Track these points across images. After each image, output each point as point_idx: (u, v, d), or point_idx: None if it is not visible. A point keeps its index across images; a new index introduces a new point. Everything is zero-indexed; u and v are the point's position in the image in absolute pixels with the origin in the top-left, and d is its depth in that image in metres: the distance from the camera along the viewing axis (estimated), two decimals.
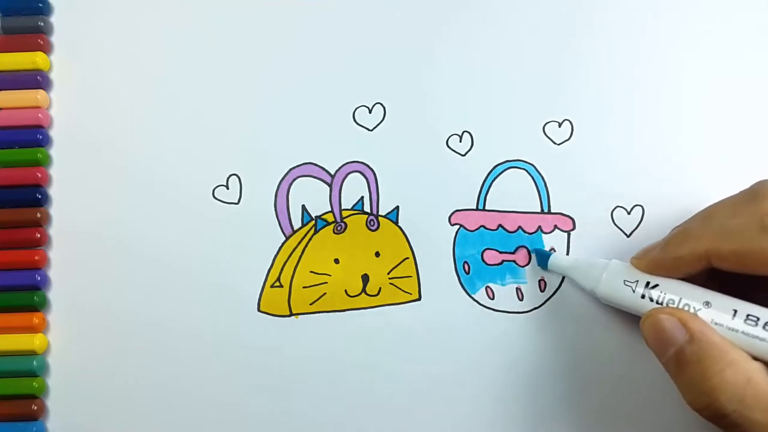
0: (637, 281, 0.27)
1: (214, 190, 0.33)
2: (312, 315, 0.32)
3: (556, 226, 0.32)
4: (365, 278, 0.32)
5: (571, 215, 0.32)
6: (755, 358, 0.24)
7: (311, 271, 0.32)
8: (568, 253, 0.32)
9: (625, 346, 0.31)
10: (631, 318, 0.30)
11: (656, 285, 0.27)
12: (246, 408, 0.31)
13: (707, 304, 0.26)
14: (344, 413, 0.31)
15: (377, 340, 0.31)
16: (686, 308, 0.26)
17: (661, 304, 0.27)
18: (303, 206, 0.32)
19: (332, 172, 0.33)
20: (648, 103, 0.32)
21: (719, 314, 0.25)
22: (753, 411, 0.23)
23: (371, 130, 0.33)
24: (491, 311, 0.31)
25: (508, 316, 0.31)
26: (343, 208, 0.32)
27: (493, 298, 0.32)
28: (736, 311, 0.25)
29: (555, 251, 0.31)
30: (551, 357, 0.31)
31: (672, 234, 0.28)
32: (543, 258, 0.31)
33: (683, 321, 0.25)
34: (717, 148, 0.32)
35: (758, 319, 0.25)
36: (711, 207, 0.28)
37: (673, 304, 0.26)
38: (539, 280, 0.32)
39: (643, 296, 0.27)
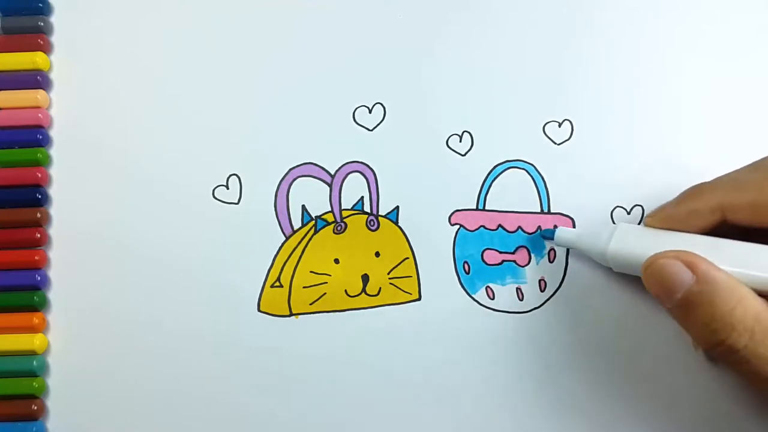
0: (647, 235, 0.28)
1: (214, 190, 0.33)
2: (312, 315, 0.32)
3: (556, 226, 0.32)
4: (365, 278, 0.32)
5: (571, 215, 0.32)
6: (761, 296, 0.25)
7: (311, 271, 0.32)
8: (568, 254, 0.32)
9: (626, 346, 0.31)
10: (631, 318, 0.30)
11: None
12: (246, 408, 0.31)
13: (714, 245, 0.26)
14: (344, 413, 0.31)
15: (377, 340, 0.31)
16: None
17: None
18: (303, 206, 0.32)
19: (332, 172, 0.33)
20: (648, 103, 0.32)
21: (725, 257, 0.25)
22: (761, 346, 0.23)
23: (371, 130, 0.33)
24: (491, 311, 0.31)
25: (508, 316, 0.31)
26: (343, 208, 0.32)
27: (493, 298, 0.32)
28: (740, 253, 0.25)
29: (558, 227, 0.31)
30: (551, 357, 0.31)
31: (686, 190, 0.28)
32: (549, 233, 0.31)
33: (688, 263, 0.25)
34: (717, 148, 0.32)
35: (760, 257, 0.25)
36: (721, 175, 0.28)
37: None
38: (539, 280, 0.32)
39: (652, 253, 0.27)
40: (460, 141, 0.33)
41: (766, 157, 0.27)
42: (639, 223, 0.32)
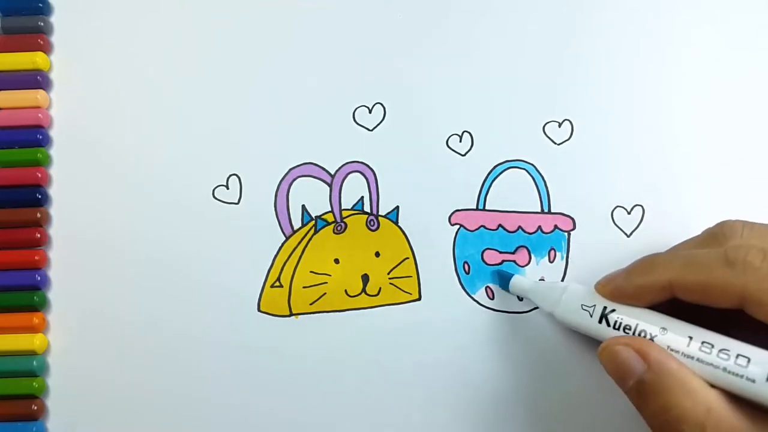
0: (595, 306, 0.27)
1: (214, 190, 0.33)
2: (312, 315, 0.32)
3: (556, 226, 0.32)
4: (365, 278, 0.32)
5: (571, 215, 0.32)
6: (712, 386, 0.24)
7: (311, 271, 0.32)
8: (568, 254, 0.32)
9: None
10: None
11: (613, 310, 0.27)
12: (246, 408, 0.31)
13: (663, 330, 0.25)
14: (344, 413, 0.31)
15: (377, 340, 0.31)
16: (643, 334, 0.26)
17: (618, 329, 0.26)
18: (303, 206, 0.32)
19: (332, 172, 0.33)
20: (648, 103, 0.32)
21: (675, 340, 0.25)
22: None
23: (371, 130, 0.33)
24: (491, 311, 0.31)
25: (508, 316, 0.31)
26: (343, 208, 0.32)
27: (493, 298, 0.32)
28: (691, 338, 0.25)
29: (514, 274, 0.31)
30: (551, 357, 0.31)
31: (637, 262, 0.27)
32: (504, 280, 0.31)
33: (640, 351, 0.25)
34: (717, 147, 0.32)
35: (713, 345, 0.24)
36: (673, 246, 0.28)
37: (630, 330, 0.26)
38: (539, 280, 0.32)
39: (600, 322, 0.27)
40: (460, 141, 0.33)
41: (716, 230, 0.27)
42: (638, 226, 0.32)
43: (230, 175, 0.33)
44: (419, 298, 0.32)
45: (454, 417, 0.31)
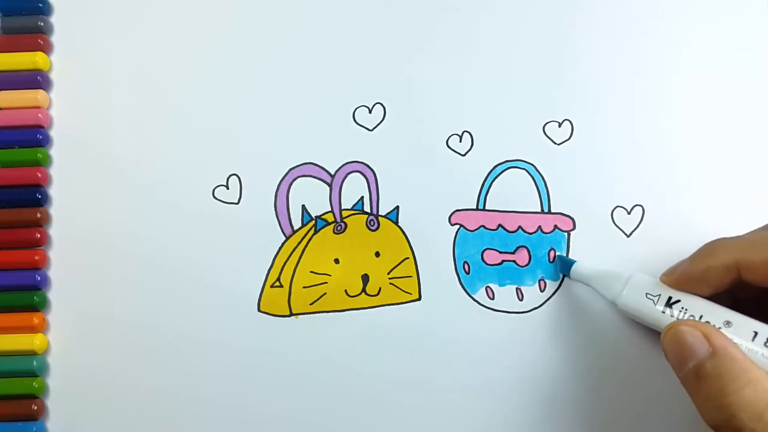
0: (660, 295, 0.27)
1: (214, 190, 0.33)
2: (312, 315, 0.32)
3: (556, 226, 0.32)
4: (365, 278, 0.32)
5: (571, 215, 0.32)
6: None
7: (311, 271, 0.32)
8: (567, 254, 0.32)
9: (626, 346, 0.31)
10: (631, 318, 0.30)
11: (678, 300, 0.27)
12: (246, 407, 0.31)
13: (728, 323, 0.26)
14: (344, 413, 0.31)
15: (377, 340, 0.31)
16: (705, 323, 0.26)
17: (683, 318, 0.26)
18: (303, 206, 0.32)
19: (332, 172, 0.33)
20: (648, 103, 0.32)
21: (740, 333, 0.25)
22: None
23: (371, 130, 0.33)
24: (491, 311, 0.31)
25: (508, 316, 0.31)
26: (343, 208, 0.32)
27: (493, 298, 0.32)
28: (756, 333, 0.25)
29: (577, 261, 0.31)
30: (551, 357, 0.31)
31: (701, 248, 0.27)
32: (566, 266, 0.31)
33: (706, 335, 0.25)
34: (717, 147, 0.32)
35: None
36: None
37: (694, 319, 0.26)
38: (539, 280, 0.32)
39: (663, 312, 0.27)
40: (460, 141, 0.33)
41: None
42: (638, 226, 0.32)
43: (230, 175, 0.33)
44: (419, 298, 0.32)
45: (454, 417, 0.31)
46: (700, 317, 0.26)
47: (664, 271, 0.28)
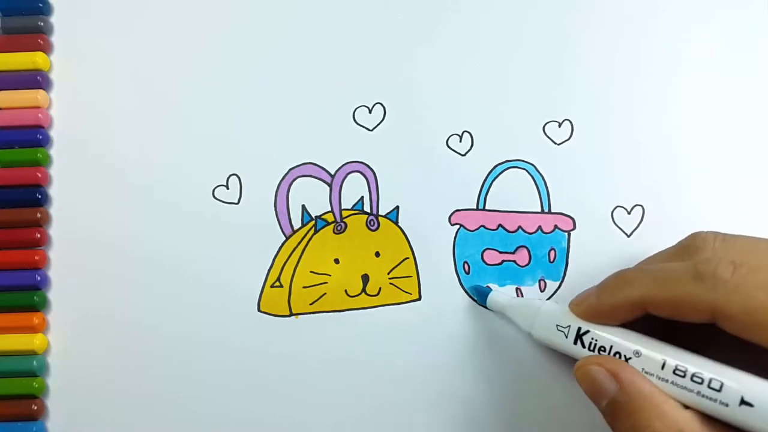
0: (569, 326, 0.27)
1: (214, 190, 0.33)
2: (312, 315, 0.32)
3: (556, 226, 0.32)
4: (365, 278, 0.32)
5: (571, 215, 0.32)
6: (686, 407, 0.24)
7: (311, 271, 0.32)
8: (568, 254, 0.32)
9: None
10: None
11: (587, 331, 0.27)
12: (246, 408, 0.31)
13: (637, 353, 0.25)
14: (344, 413, 0.31)
15: (377, 340, 0.31)
16: (617, 356, 0.26)
17: (594, 350, 0.26)
18: (303, 206, 0.32)
19: (332, 172, 0.33)
20: (648, 103, 0.32)
21: (649, 363, 0.25)
22: None
23: (371, 130, 0.33)
24: (491, 311, 0.31)
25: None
26: (343, 208, 0.32)
27: None
28: (665, 362, 0.25)
29: (492, 289, 0.31)
30: (551, 357, 0.31)
31: (607, 280, 0.27)
32: (482, 296, 0.31)
33: (614, 372, 0.25)
34: (717, 147, 0.32)
35: (686, 370, 0.24)
36: (646, 259, 0.28)
37: (605, 351, 0.26)
38: (539, 280, 0.32)
39: (575, 343, 0.27)
40: (460, 141, 0.33)
41: (688, 242, 0.26)
42: (638, 226, 0.32)
43: (230, 175, 0.33)
44: (419, 298, 0.32)
45: (454, 417, 0.31)
46: (610, 348, 0.26)
47: (573, 299, 0.28)
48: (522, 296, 0.31)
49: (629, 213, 0.32)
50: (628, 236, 0.32)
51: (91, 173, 0.33)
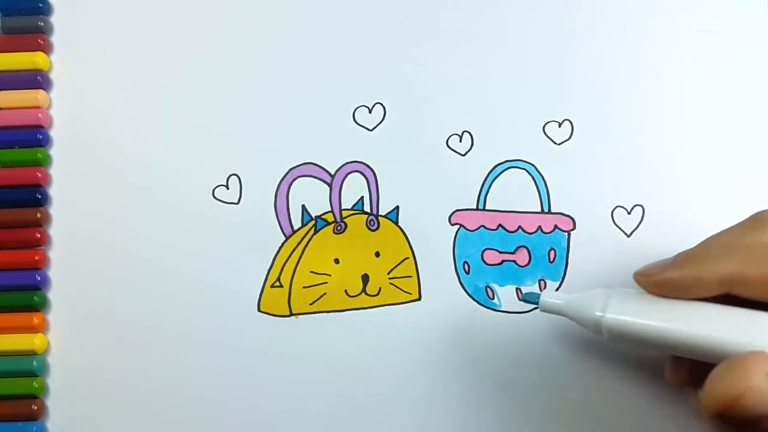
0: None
1: (214, 190, 0.33)
2: (312, 315, 0.32)
3: (556, 226, 0.32)
4: (365, 278, 0.32)
5: (571, 215, 0.32)
6: None
7: (311, 271, 0.32)
8: (568, 254, 0.32)
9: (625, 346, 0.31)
10: None
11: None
12: (246, 407, 0.31)
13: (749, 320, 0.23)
14: (344, 413, 0.31)
15: (377, 340, 0.31)
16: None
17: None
18: (303, 206, 0.32)
19: (332, 172, 0.33)
20: (648, 103, 0.32)
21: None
22: None
23: (371, 130, 0.33)
24: (491, 311, 0.31)
25: (508, 316, 0.31)
26: (343, 208, 0.32)
27: (493, 298, 0.32)
28: None
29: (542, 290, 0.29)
30: (551, 357, 0.31)
31: (686, 254, 0.25)
32: (533, 298, 0.28)
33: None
34: (717, 147, 0.32)
35: None
36: (717, 234, 0.25)
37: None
38: (539, 280, 0.32)
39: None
40: (460, 141, 0.33)
41: (759, 225, 0.24)
42: (638, 226, 0.32)
43: (230, 175, 0.33)
44: (419, 298, 0.32)
45: (454, 417, 0.31)
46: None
47: (638, 271, 0.25)
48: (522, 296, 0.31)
49: (629, 213, 0.32)
50: (628, 236, 0.32)
51: (91, 173, 0.33)
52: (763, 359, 0.21)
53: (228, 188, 0.33)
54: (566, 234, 0.32)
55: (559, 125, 0.33)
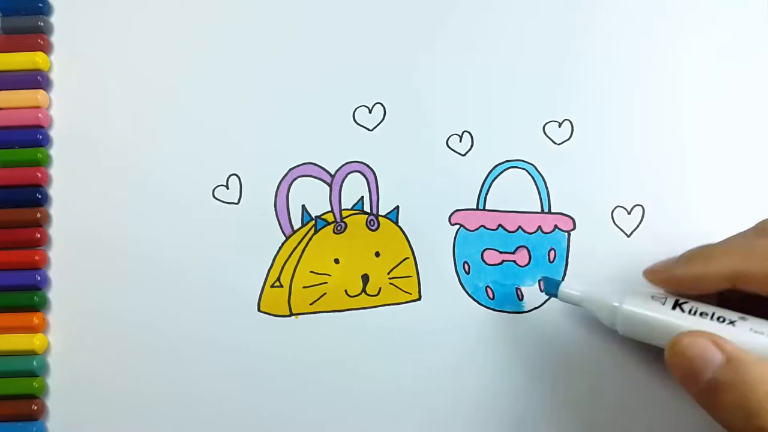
0: (666, 298, 0.26)
1: (214, 190, 0.33)
2: (312, 315, 0.32)
3: (556, 226, 0.32)
4: (365, 278, 0.32)
5: (571, 215, 0.32)
6: None
7: (311, 271, 0.32)
8: (568, 254, 0.32)
9: (627, 346, 0.31)
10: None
11: (686, 301, 0.26)
12: (245, 407, 0.31)
13: (743, 317, 0.25)
14: (344, 413, 0.31)
15: (377, 340, 0.31)
16: (721, 320, 0.25)
17: (693, 315, 0.25)
18: (303, 206, 0.32)
19: (332, 172, 0.33)
20: (648, 103, 0.33)
21: (758, 325, 0.24)
22: None
23: (371, 130, 0.33)
24: (491, 311, 0.31)
25: (508, 316, 0.31)
26: (343, 208, 0.32)
27: (493, 298, 0.32)
28: (752, 329, 0.24)
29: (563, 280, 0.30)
30: (551, 357, 0.31)
31: (692, 252, 0.27)
32: (552, 286, 0.29)
33: (715, 342, 0.24)
34: (717, 147, 0.32)
35: None
36: (722, 239, 0.27)
37: (707, 317, 0.25)
38: (539, 280, 0.32)
39: (674, 308, 0.26)
40: (460, 141, 0.33)
41: (766, 225, 0.26)
42: (638, 226, 0.32)
43: (230, 175, 0.33)
44: (419, 298, 0.32)
45: (454, 417, 0.31)
46: (713, 314, 0.25)
47: (647, 268, 0.28)
48: (522, 297, 0.31)
49: (629, 213, 0.32)
50: (628, 236, 0.32)
51: (91, 173, 0.33)
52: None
53: (228, 188, 0.33)
54: (566, 234, 0.32)
55: (559, 125, 0.33)
